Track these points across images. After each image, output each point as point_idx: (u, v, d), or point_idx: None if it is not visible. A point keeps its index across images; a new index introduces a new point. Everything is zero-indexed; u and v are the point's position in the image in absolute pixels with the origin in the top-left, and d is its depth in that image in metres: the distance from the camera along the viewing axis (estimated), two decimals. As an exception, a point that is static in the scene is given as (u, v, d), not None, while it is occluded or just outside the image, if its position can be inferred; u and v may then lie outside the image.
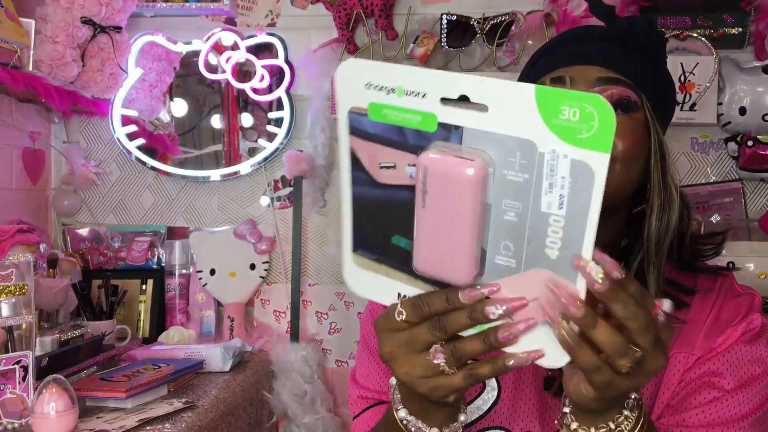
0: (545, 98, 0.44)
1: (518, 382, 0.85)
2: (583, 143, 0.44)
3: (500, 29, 1.78)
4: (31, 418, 1.09)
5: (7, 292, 1.22)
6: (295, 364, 1.78)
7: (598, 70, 0.79)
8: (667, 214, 0.79)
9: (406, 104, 0.49)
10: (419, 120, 0.48)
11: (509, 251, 0.49)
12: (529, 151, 0.46)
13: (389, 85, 0.49)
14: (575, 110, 0.44)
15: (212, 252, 1.90)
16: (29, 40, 1.60)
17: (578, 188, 0.45)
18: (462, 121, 0.47)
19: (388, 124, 0.50)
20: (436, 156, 0.48)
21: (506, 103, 0.46)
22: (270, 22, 1.94)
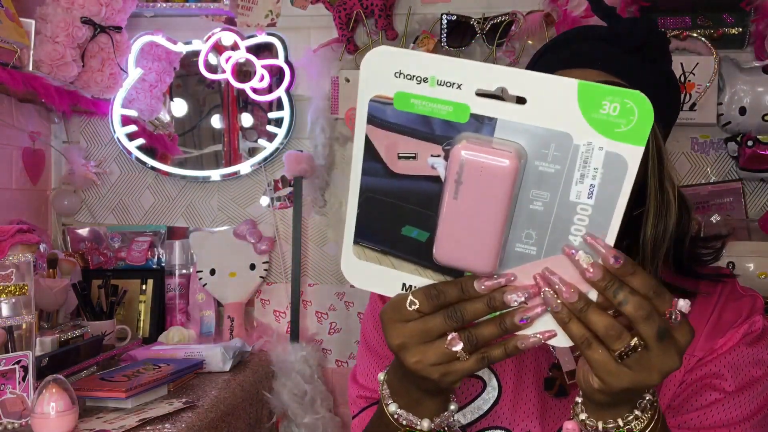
0: (587, 93, 0.47)
1: (519, 383, 0.85)
2: (620, 137, 0.47)
3: (500, 29, 1.78)
4: (31, 418, 1.09)
5: (7, 292, 1.22)
6: (295, 364, 1.78)
7: (596, 74, 0.79)
8: (664, 220, 0.78)
9: (439, 94, 0.49)
10: (450, 111, 0.49)
11: (531, 239, 0.51)
12: (564, 143, 0.48)
13: (422, 75, 0.49)
14: (616, 105, 0.46)
15: (212, 252, 1.90)
16: (29, 40, 1.60)
17: (610, 179, 0.48)
18: (497, 113, 0.48)
19: (414, 114, 0.50)
20: (474, 148, 0.48)
21: (546, 96, 0.47)
22: (270, 22, 1.94)
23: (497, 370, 0.86)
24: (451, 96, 0.49)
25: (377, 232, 0.55)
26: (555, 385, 0.84)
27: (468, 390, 0.86)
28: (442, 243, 0.52)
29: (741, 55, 1.75)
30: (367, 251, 0.56)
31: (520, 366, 0.86)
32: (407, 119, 0.51)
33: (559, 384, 0.84)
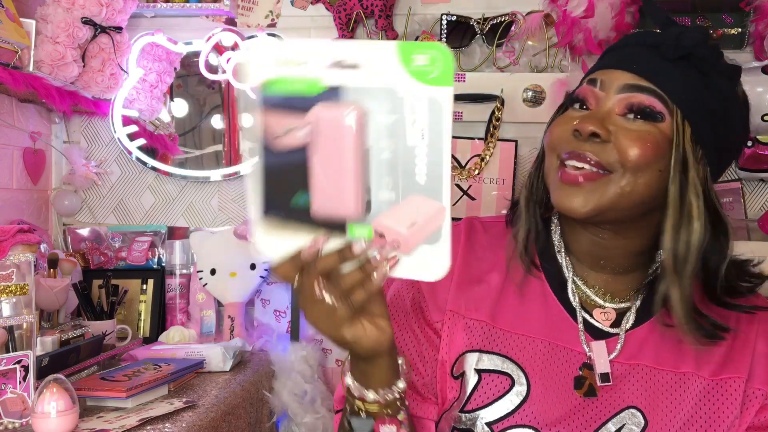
0: (404, 51, 0.55)
1: (548, 381, 0.85)
2: (432, 81, 0.55)
3: (500, 29, 1.78)
4: (32, 418, 1.09)
5: (8, 292, 1.22)
6: (295, 363, 1.78)
7: (628, 77, 0.79)
8: (686, 231, 0.77)
9: (294, 74, 0.57)
10: (303, 87, 0.57)
11: (389, 185, 0.58)
12: (394, 96, 0.56)
13: (282, 59, 0.57)
14: (425, 56, 0.55)
15: (213, 252, 1.90)
16: (30, 41, 1.60)
17: (434, 120, 0.56)
18: (340, 81, 0.56)
19: (280, 96, 0.57)
20: (321, 110, 0.56)
21: (374, 59, 0.55)
22: (270, 22, 1.94)
23: (525, 368, 0.86)
24: (304, 73, 0.57)
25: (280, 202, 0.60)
26: (585, 385, 0.84)
27: (495, 387, 0.85)
28: (314, 199, 0.59)
29: (740, 55, 1.75)
30: (274, 222, 0.61)
31: (550, 364, 0.86)
32: (277, 100, 0.58)
33: (589, 384, 0.84)
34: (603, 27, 1.67)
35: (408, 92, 0.55)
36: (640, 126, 0.78)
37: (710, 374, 0.83)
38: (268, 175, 0.60)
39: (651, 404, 0.83)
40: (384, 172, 0.58)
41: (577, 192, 0.79)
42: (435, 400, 0.90)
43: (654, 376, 0.84)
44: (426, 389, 0.91)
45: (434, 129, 0.56)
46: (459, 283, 0.90)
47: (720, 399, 0.83)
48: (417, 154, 0.57)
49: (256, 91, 0.58)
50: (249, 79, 0.58)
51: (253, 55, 0.58)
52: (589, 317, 0.88)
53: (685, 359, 0.84)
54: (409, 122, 0.56)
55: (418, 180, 0.57)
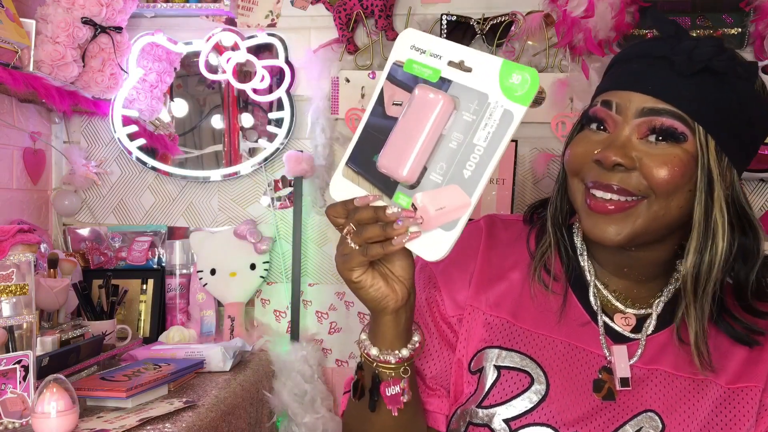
0: (505, 68, 0.64)
1: (568, 382, 0.85)
2: (516, 99, 0.64)
3: (500, 29, 1.78)
4: (32, 418, 1.09)
5: (8, 292, 1.22)
6: (295, 363, 1.79)
7: (645, 99, 0.78)
8: (709, 253, 0.77)
9: (427, 62, 0.69)
10: (430, 73, 0.69)
11: (442, 170, 0.67)
12: (483, 100, 0.65)
13: (422, 48, 0.69)
14: (519, 77, 0.63)
15: (212, 252, 1.90)
16: (30, 41, 1.60)
17: (500, 129, 0.64)
18: (454, 77, 0.67)
19: (410, 74, 0.70)
20: (425, 88, 0.68)
21: (483, 68, 0.66)
22: (270, 22, 1.94)
23: (545, 367, 0.86)
24: (433, 63, 0.69)
25: (362, 158, 0.72)
26: (603, 388, 0.84)
27: (514, 384, 0.86)
28: (384, 152, 0.69)
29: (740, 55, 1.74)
30: (351, 173, 0.73)
31: (570, 365, 0.86)
32: (405, 78, 0.70)
33: (608, 387, 0.84)
34: (603, 27, 1.67)
35: (494, 101, 0.64)
36: (664, 149, 0.77)
37: (727, 382, 0.84)
38: (364, 133, 0.71)
39: (669, 408, 0.83)
40: (443, 158, 0.66)
41: (609, 221, 0.79)
42: (445, 394, 0.91)
43: (672, 382, 0.84)
44: (434, 382, 0.91)
45: (497, 136, 0.64)
46: (480, 279, 0.91)
47: (737, 407, 0.83)
48: (474, 152, 0.65)
49: (397, 65, 0.71)
50: (396, 52, 0.71)
51: (406, 36, 0.70)
52: (610, 321, 0.88)
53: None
54: (483, 125, 0.64)
55: (464, 173, 0.65)
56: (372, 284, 0.72)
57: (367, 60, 1.85)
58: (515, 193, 1.79)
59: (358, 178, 0.72)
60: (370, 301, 0.74)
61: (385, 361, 0.78)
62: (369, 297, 0.73)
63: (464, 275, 0.91)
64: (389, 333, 0.77)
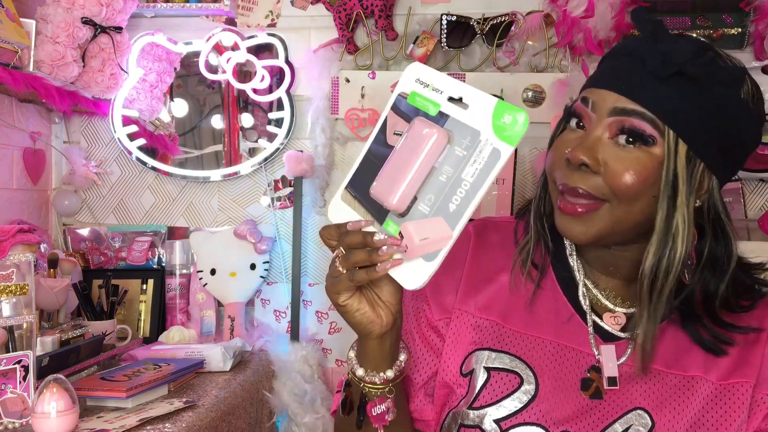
0: (499, 108, 0.66)
1: (557, 381, 0.86)
2: (504, 138, 0.65)
3: (500, 29, 1.78)
4: (32, 418, 1.09)
5: (8, 292, 1.22)
6: (295, 363, 1.78)
7: (618, 99, 0.78)
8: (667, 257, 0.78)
9: (430, 96, 0.71)
10: (430, 107, 0.70)
11: (430, 201, 0.68)
12: (475, 136, 0.67)
13: (426, 82, 0.71)
14: (510, 117, 0.65)
15: (212, 252, 1.90)
16: (30, 41, 1.60)
17: (487, 166, 0.65)
18: (451, 112, 0.69)
19: (413, 106, 0.71)
20: (423, 121, 0.69)
21: (479, 105, 0.67)
22: (270, 22, 1.94)
23: (535, 368, 0.87)
24: (434, 97, 0.70)
25: (360, 183, 0.73)
26: (591, 387, 0.85)
27: (504, 385, 0.87)
28: (377, 180, 0.71)
29: (740, 55, 1.74)
30: (348, 196, 0.75)
31: (559, 365, 0.86)
32: (408, 109, 0.72)
33: (595, 386, 0.85)
34: (603, 27, 1.67)
35: (485, 138, 0.66)
36: (630, 153, 0.77)
37: (718, 378, 0.84)
38: (365, 159, 0.73)
39: (658, 405, 0.83)
40: (433, 189, 0.68)
41: (577, 222, 0.81)
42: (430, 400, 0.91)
43: (662, 379, 0.84)
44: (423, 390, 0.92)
45: (483, 173, 0.65)
46: (468, 284, 0.91)
47: (727, 403, 0.83)
48: (461, 187, 0.66)
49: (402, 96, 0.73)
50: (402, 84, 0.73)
51: (413, 70, 0.73)
52: (599, 320, 0.88)
53: (694, 363, 0.84)
54: (472, 160, 0.66)
55: (450, 206, 0.67)
56: (358, 308, 0.74)
57: (367, 60, 1.85)
58: (515, 193, 1.79)
59: (355, 202, 0.74)
60: (356, 325, 0.75)
61: (371, 381, 0.79)
62: (355, 321, 0.75)
63: (451, 281, 0.91)
64: (375, 355, 0.78)
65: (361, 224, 0.70)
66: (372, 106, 1.84)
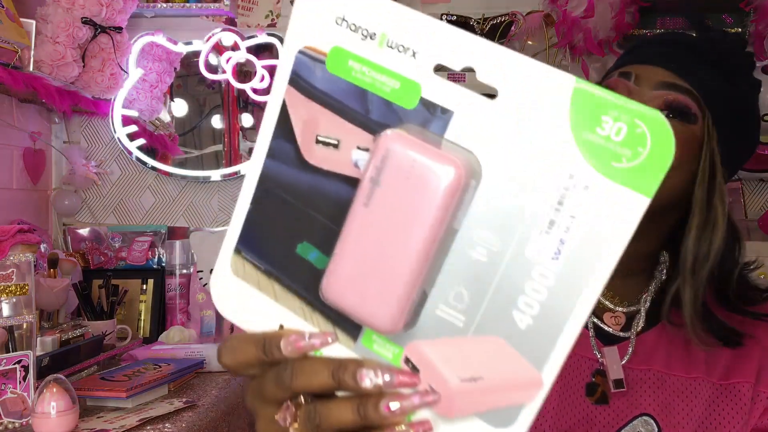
0: (584, 101, 0.31)
1: (559, 390, 0.84)
2: (619, 176, 0.30)
3: (500, 29, 1.78)
4: (32, 418, 1.09)
5: (8, 292, 1.22)
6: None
7: (666, 74, 0.77)
8: (709, 237, 0.77)
9: (386, 61, 0.34)
10: (396, 87, 0.34)
11: (461, 302, 0.34)
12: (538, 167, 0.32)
13: (370, 28, 0.34)
14: (621, 126, 0.30)
15: (213, 252, 1.90)
16: (30, 41, 1.60)
17: (591, 237, 0.31)
18: (454, 104, 0.33)
19: (348, 83, 0.35)
20: (410, 141, 0.33)
21: (527, 93, 0.32)
22: (270, 22, 1.94)
23: None
24: (401, 67, 0.34)
25: (267, 242, 0.38)
26: (597, 392, 0.83)
27: None
28: (334, 271, 0.36)
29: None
30: (247, 266, 0.39)
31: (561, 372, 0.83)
32: (339, 89, 0.35)
33: (601, 391, 0.83)
34: (603, 27, 1.67)
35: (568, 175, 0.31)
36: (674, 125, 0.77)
37: (719, 378, 0.83)
38: (261, 192, 0.39)
39: (663, 411, 0.82)
40: (462, 279, 0.34)
41: None
42: None
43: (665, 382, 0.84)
44: None
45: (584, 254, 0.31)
46: None
47: (729, 404, 0.82)
48: (534, 279, 0.32)
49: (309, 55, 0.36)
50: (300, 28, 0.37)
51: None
52: (599, 322, 0.87)
53: (695, 364, 0.84)
54: (546, 222, 0.32)
55: (517, 320, 0.33)
56: None
57: (367, 60, 1.85)
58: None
59: (262, 277, 0.39)
60: None
61: None
62: None
63: None
64: None
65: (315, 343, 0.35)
66: (372, 106, 1.84)
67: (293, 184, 0.37)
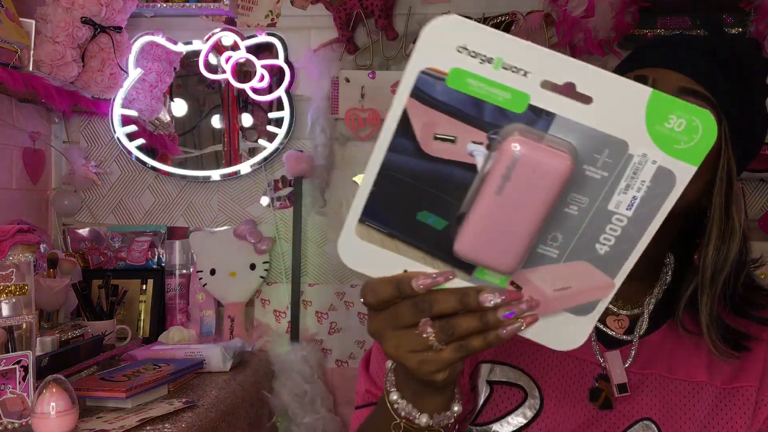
0: (657, 104, 0.45)
1: (562, 393, 0.83)
2: (678, 153, 0.46)
3: (500, 29, 1.77)
4: (32, 418, 1.09)
5: (8, 292, 1.22)
6: (295, 364, 1.78)
7: (684, 80, 0.76)
8: (726, 246, 0.77)
9: (500, 78, 0.45)
10: (508, 98, 0.45)
11: (556, 242, 0.49)
12: (619, 150, 0.46)
13: (488, 54, 0.45)
14: (682, 121, 0.45)
15: (212, 252, 1.90)
16: (29, 41, 1.60)
17: (654, 194, 0.47)
18: (557, 109, 0.45)
19: (466, 95, 0.46)
20: (530, 144, 0.45)
21: (614, 99, 0.45)
22: (270, 22, 1.94)
23: (538, 380, 0.84)
24: (513, 82, 0.45)
25: (389, 213, 0.50)
26: (600, 397, 0.82)
27: (508, 399, 0.84)
28: (468, 235, 0.49)
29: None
30: (371, 232, 0.51)
31: (564, 376, 0.84)
32: (457, 99, 0.46)
33: (605, 396, 0.82)
34: (603, 27, 1.67)
35: (641, 153, 0.46)
36: None
37: (722, 383, 0.82)
38: (383, 177, 0.49)
39: (665, 415, 0.82)
40: (558, 226, 0.49)
41: None
42: None
43: (668, 386, 0.83)
44: None
45: (649, 205, 0.47)
46: None
47: (732, 408, 0.82)
48: (613, 222, 0.48)
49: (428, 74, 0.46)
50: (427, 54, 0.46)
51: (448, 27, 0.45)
52: (602, 326, 0.86)
53: (698, 368, 0.83)
54: (623, 185, 0.47)
55: (598, 249, 0.49)
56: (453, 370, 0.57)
57: (367, 60, 1.85)
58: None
59: (386, 239, 0.51)
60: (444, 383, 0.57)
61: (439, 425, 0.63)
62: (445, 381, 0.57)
63: None
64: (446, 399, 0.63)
65: (440, 279, 0.50)
66: (372, 106, 1.84)
67: (413, 169, 0.49)
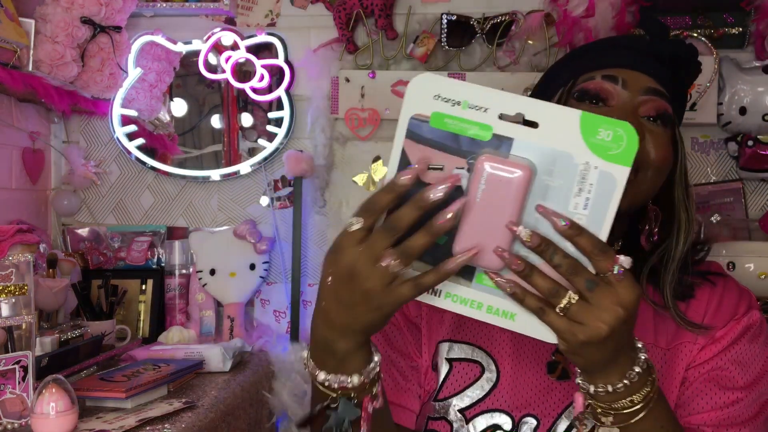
0: (587, 121, 0.57)
1: (517, 366, 0.87)
2: (612, 158, 0.57)
3: (500, 29, 1.78)
4: (31, 418, 1.09)
5: (7, 292, 1.22)
6: (295, 364, 1.78)
7: (649, 80, 0.83)
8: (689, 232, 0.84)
9: (468, 116, 0.58)
10: (476, 131, 0.58)
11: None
12: (567, 161, 0.57)
13: (456, 99, 0.58)
14: (610, 133, 0.56)
15: (212, 252, 1.90)
16: (29, 40, 1.60)
17: (602, 193, 0.57)
18: (514, 134, 0.58)
19: (446, 132, 0.59)
20: (495, 160, 0.57)
21: (554, 122, 0.57)
22: (270, 22, 1.94)
23: (494, 355, 0.89)
24: (478, 118, 0.58)
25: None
26: (558, 369, 0.87)
27: (466, 375, 0.89)
28: (461, 237, 0.59)
29: (741, 54, 1.75)
30: None
31: (518, 350, 0.88)
32: (440, 135, 0.59)
33: (562, 367, 0.87)
34: (603, 26, 1.67)
35: (583, 161, 0.57)
36: (662, 130, 0.83)
37: (666, 344, 0.86)
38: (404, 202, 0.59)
39: None
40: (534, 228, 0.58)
41: None
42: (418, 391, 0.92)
43: None
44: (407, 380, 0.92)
45: (600, 202, 0.57)
46: None
47: (672, 366, 0.85)
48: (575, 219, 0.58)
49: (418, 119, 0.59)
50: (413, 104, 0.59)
51: (424, 84, 0.58)
52: None
53: (646, 332, 0.87)
54: (575, 189, 0.58)
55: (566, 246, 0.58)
56: None
57: (367, 59, 1.85)
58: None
59: None
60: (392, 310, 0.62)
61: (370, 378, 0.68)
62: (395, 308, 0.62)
63: None
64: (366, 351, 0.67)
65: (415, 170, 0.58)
66: (372, 106, 1.84)
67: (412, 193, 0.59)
